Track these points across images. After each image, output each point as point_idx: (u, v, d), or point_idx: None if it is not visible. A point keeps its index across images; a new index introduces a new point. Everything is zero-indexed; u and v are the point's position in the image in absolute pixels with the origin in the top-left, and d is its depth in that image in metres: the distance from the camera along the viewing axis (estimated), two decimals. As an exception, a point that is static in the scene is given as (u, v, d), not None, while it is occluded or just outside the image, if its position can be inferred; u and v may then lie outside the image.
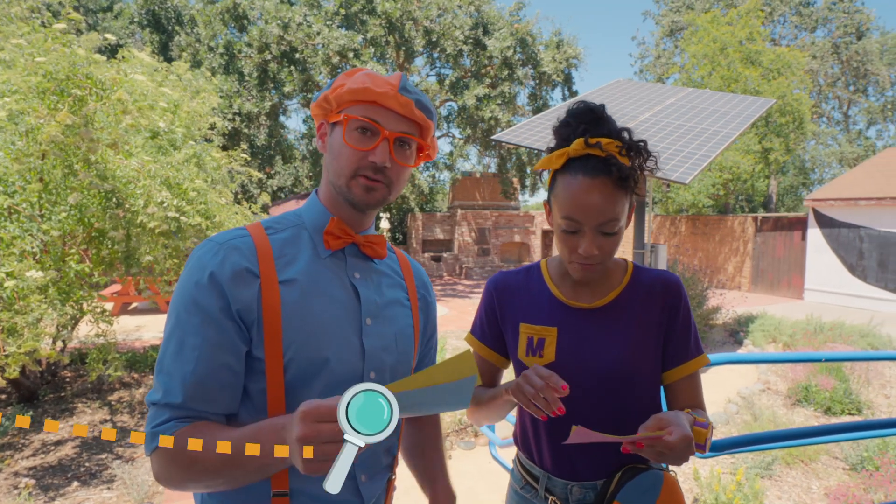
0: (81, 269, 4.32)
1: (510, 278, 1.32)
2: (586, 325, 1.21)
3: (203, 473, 0.84)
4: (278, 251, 0.97)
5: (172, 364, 0.88)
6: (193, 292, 0.89)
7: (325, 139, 1.03)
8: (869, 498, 3.59)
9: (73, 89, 4.03)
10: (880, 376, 6.58)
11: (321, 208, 1.04)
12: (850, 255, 13.38)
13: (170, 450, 0.84)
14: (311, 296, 0.95)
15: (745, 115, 8.22)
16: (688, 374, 1.20)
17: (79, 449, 4.44)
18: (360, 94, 0.95)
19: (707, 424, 1.03)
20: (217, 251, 0.92)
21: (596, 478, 1.21)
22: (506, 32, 16.33)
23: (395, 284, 1.11)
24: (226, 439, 0.80)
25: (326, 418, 0.71)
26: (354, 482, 1.01)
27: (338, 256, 1.02)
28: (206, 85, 7.33)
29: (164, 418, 0.87)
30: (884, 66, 28.60)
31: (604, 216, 1.07)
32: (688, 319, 1.21)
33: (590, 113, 1.11)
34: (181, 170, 4.97)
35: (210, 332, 0.88)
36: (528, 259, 20.60)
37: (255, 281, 0.91)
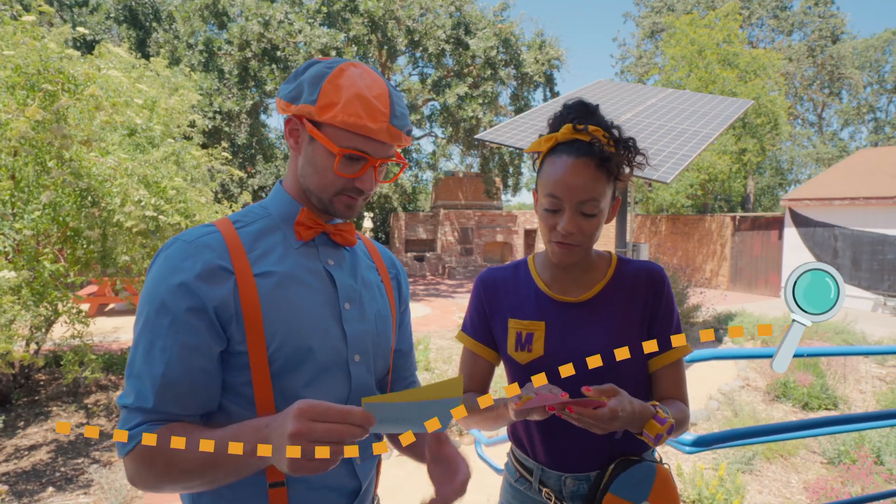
0: (56, 270, 4.21)
1: (498, 274, 1.34)
2: (573, 318, 1.23)
3: (180, 475, 0.82)
4: (249, 244, 0.96)
5: (142, 367, 0.87)
6: (163, 294, 0.88)
7: (297, 139, 1.00)
8: (846, 490, 3.66)
9: (44, 84, 3.92)
10: (855, 372, 6.73)
11: (288, 198, 1.04)
12: (824, 254, 13.67)
13: (145, 452, 0.83)
14: (288, 286, 0.95)
15: (724, 115, 8.33)
16: (670, 363, 1.22)
17: (54, 454, 4.32)
18: (356, 129, 0.93)
19: (666, 421, 1.04)
20: (187, 251, 0.90)
21: (589, 469, 1.22)
22: (489, 32, 16.36)
23: (367, 267, 1.12)
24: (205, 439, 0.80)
25: (322, 417, 0.71)
26: (351, 465, 1.03)
27: (309, 246, 1.02)
28: (186, 82, 7.21)
29: (136, 422, 0.86)
30: (857, 70, 29.31)
31: (584, 194, 1.10)
32: (670, 308, 1.24)
33: (583, 106, 1.16)
34: (159, 168, 4.87)
35: (180, 335, 0.87)
36: (511, 258, 20.66)
37: (230, 277, 0.90)
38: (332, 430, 0.71)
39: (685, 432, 1.21)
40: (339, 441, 0.73)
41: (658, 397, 1.23)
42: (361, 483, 1.04)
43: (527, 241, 21.18)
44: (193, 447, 0.79)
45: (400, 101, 0.98)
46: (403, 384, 1.22)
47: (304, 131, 0.97)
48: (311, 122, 0.95)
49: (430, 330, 9.44)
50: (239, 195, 16.57)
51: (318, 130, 0.95)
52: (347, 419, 0.73)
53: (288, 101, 0.97)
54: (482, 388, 1.35)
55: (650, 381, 1.26)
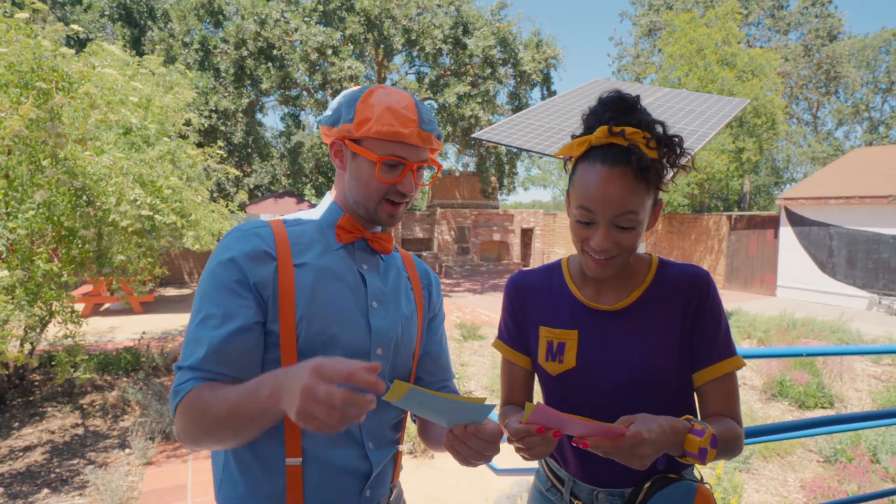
0: (50, 269, 4.18)
1: (529, 278, 1.27)
2: (608, 327, 1.14)
3: (213, 423, 0.89)
4: (294, 240, 1.08)
5: (196, 332, 0.98)
6: (217, 270, 1.01)
7: (342, 158, 1.12)
8: (843, 489, 3.67)
9: (38, 82, 3.89)
10: (851, 370, 6.75)
11: (335, 207, 1.16)
12: (820, 253, 13.72)
13: (188, 403, 0.92)
14: (322, 279, 1.06)
15: (721, 115, 8.34)
16: (716, 377, 1.10)
17: (49, 454, 4.30)
18: (389, 136, 1.04)
19: (703, 432, 0.94)
20: (240, 237, 1.04)
21: (624, 485, 1.15)
22: (487, 31, 16.33)
23: (399, 276, 1.21)
24: (231, 390, 0.90)
25: (330, 377, 0.73)
26: (363, 448, 1.08)
27: (348, 249, 1.13)
28: (181, 80, 7.17)
29: (186, 378, 0.96)
30: (853, 69, 29.41)
31: (619, 208, 1.00)
32: (717, 317, 1.12)
33: (620, 102, 1.05)
34: (155, 167, 4.85)
35: (232, 304, 0.98)
36: (508, 258, 20.67)
37: (272, 262, 1.02)
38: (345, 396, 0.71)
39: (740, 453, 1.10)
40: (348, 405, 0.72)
41: (705, 415, 1.12)
42: (373, 467, 1.08)
43: (523, 240, 21.18)
44: (223, 397, 0.89)
45: (427, 110, 1.10)
46: (437, 387, 1.27)
47: (347, 150, 1.10)
48: (352, 140, 1.08)
49: (426, 329, 9.43)
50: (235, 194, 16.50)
51: (359, 146, 1.07)
52: (351, 379, 0.73)
53: (329, 126, 1.11)
54: (523, 397, 1.27)
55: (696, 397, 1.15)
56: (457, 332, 9.12)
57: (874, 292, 12.74)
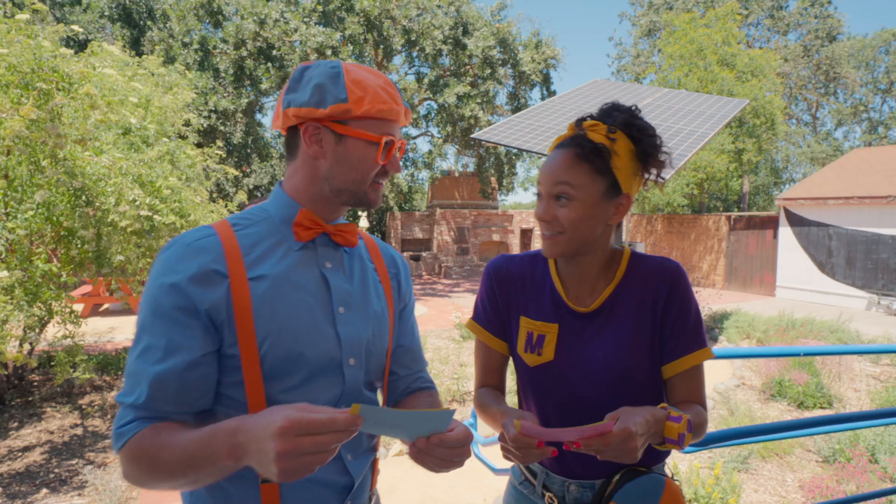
0: (49, 270, 4.18)
1: (513, 266, 1.26)
2: (583, 327, 1.17)
3: (165, 474, 0.83)
4: (247, 248, 0.97)
5: (137, 365, 0.89)
6: (158, 294, 0.90)
7: (321, 143, 1.00)
8: (842, 489, 3.67)
9: (38, 83, 3.89)
10: (850, 370, 6.76)
11: (288, 200, 1.04)
12: (819, 253, 13.73)
13: (133, 449, 0.85)
14: (281, 290, 0.96)
15: (720, 115, 8.35)
16: (684, 370, 1.13)
17: (48, 455, 4.30)
18: (386, 115, 0.98)
19: (681, 418, 0.98)
20: (184, 253, 0.92)
21: (594, 477, 1.18)
22: (487, 32, 16.35)
23: (365, 269, 1.12)
24: (182, 441, 0.82)
25: (307, 431, 0.70)
26: (341, 461, 1.03)
27: (308, 247, 1.03)
28: (180, 80, 7.17)
29: (129, 419, 0.88)
30: (853, 69, 29.43)
31: (556, 178, 1.09)
32: (686, 308, 1.14)
33: (606, 106, 1.14)
34: (154, 167, 4.85)
35: (175, 334, 0.89)
36: (508, 258, 20.65)
37: (224, 281, 0.92)
38: (318, 442, 0.71)
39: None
40: (325, 451, 0.72)
41: (673, 402, 1.16)
42: (354, 479, 1.04)
43: (523, 240, 21.18)
44: (173, 448, 0.82)
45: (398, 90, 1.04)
46: (410, 380, 1.21)
47: (329, 133, 0.99)
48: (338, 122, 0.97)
49: (426, 329, 9.43)
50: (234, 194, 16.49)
51: (347, 126, 0.98)
52: (332, 427, 0.72)
53: (311, 107, 0.97)
54: (498, 380, 1.30)
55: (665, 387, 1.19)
56: (456, 332, 9.12)
57: (873, 292, 12.75)
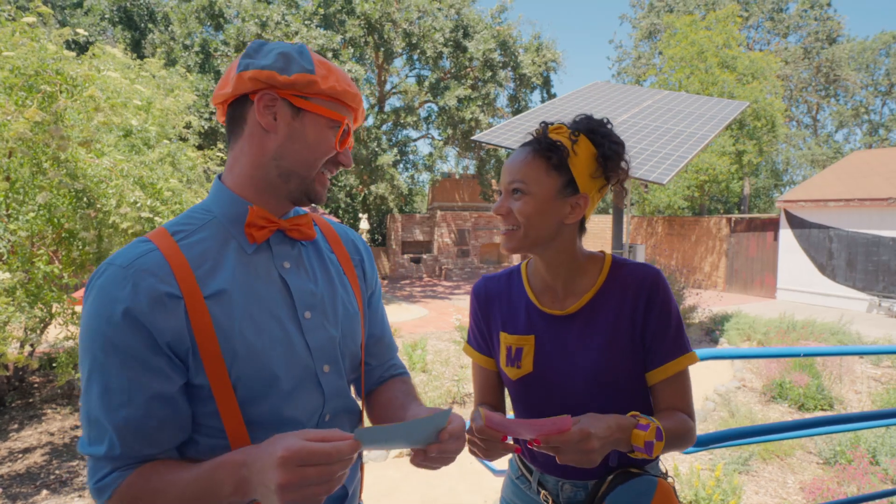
0: (50, 271, 4.19)
1: (491, 285, 1.30)
2: (562, 332, 1.17)
3: None
4: (195, 260, 0.84)
5: (101, 412, 0.79)
6: (106, 330, 0.78)
7: (275, 115, 0.89)
8: (843, 491, 3.67)
9: (43, 85, 3.91)
10: (850, 372, 6.75)
11: (232, 197, 0.92)
12: (820, 255, 13.72)
13: (124, 499, 0.79)
14: (242, 305, 0.86)
15: (720, 117, 8.36)
16: (669, 376, 1.13)
17: (48, 456, 4.30)
18: (345, 97, 0.92)
19: (648, 427, 0.99)
20: (124, 278, 0.79)
21: (587, 478, 1.18)
22: (487, 35, 16.38)
23: (325, 262, 1.02)
24: (181, 482, 0.77)
25: (309, 461, 0.68)
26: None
27: (263, 249, 0.92)
28: (181, 82, 7.19)
29: (107, 471, 0.80)
30: (853, 72, 29.45)
31: (512, 175, 1.12)
32: (666, 315, 1.13)
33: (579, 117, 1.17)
34: (155, 169, 4.86)
35: (135, 372, 0.79)
36: (508, 261, 20.68)
37: (178, 303, 0.80)
38: (322, 473, 0.68)
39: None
40: (329, 481, 0.70)
41: (658, 410, 1.15)
42: (347, 489, 1.02)
43: (523, 242, 21.15)
44: (170, 491, 0.77)
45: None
46: (382, 369, 1.16)
47: (286, 106, 0.89)
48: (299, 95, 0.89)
49: (427, 332, 9.43)
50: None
51: (308, 101, 0.89)
52: (337, 458, 0.69)
53: (274, 71, 0.87)
54: (494, 399, 1.31)
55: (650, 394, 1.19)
56: (456, 334, 9.13)
57: (874, 295, 12.73)
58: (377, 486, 3.87)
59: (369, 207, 19.90)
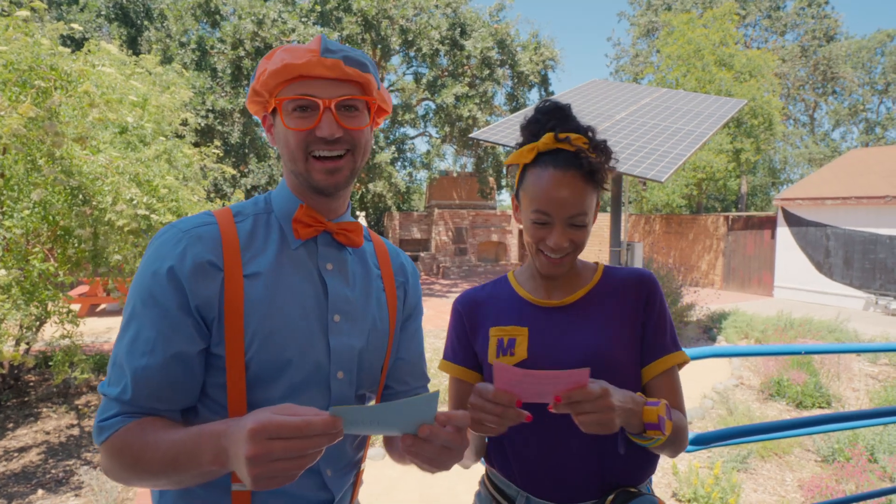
0: (46, 269, 4.16)
1: (476, 293, 1.29)
2: (557, 321, 1.17)
3: (146, 473, 0.80)
4: (245, 241, 0.91)
5: (125, 357, 0.84)
6: (150, 284, 0.85)
7: (272, 132, 0.97)
8: (841, 489, 3.67)
9: (37, 81, 3.87)
10: (848, 370, 6.77)
11: (289, 194, 0.99)
12: (817, 253, 13.75)
13: (116, 444, 0.82)
14: (275, 292, 0.90)
15: (718, 115, 8.36)
16: (663, 371, 1.15)
17: (44, 455, 4.27)
18: (282, 74, 0.89)
19: (658, 402, 0.99)
20: (179, 240, 0.87)
21: (581, 499, 1.12)
22: (485, 33, 16.36)
23: (370, 274, 1.05)
24: (167, 441, 0.78)
25: (278, 434, 0.66)
26: (320, 477, 0.97)
27: (309, 246, 0.97)
28: (177, 79, 7.15)
29: (113, 412, 0.84)
30: (850, 70, 29.51)
31: (573, 209, 1.07)
32: (663, 314, 1.18)
33: (558, 110, 1.12)
34: (151, 166, 4.83)
35: (165, 327, 0.84)
36: (505, 259, 20.67)
37: (218, 275, 0.87)
38: (291, 447, 0.66)
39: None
40: (302, 455, 0.68)
41: None
42: (334, 495, 0.99)
43: (521, 240, 21.17)
44: (157, 447, 0.78)
45: (338, 43, 0.93)
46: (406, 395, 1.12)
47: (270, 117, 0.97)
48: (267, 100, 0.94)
49: (425, 329, 9.41)
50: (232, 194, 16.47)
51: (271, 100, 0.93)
52: (306, 432, 0.67)
53: (247, 102, 0.98)
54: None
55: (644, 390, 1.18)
56: (454, 332, 9.12)
57: (871, 292, 12.77)
58: (375, 485, 3.85)
59: (367, 205, 19.87)
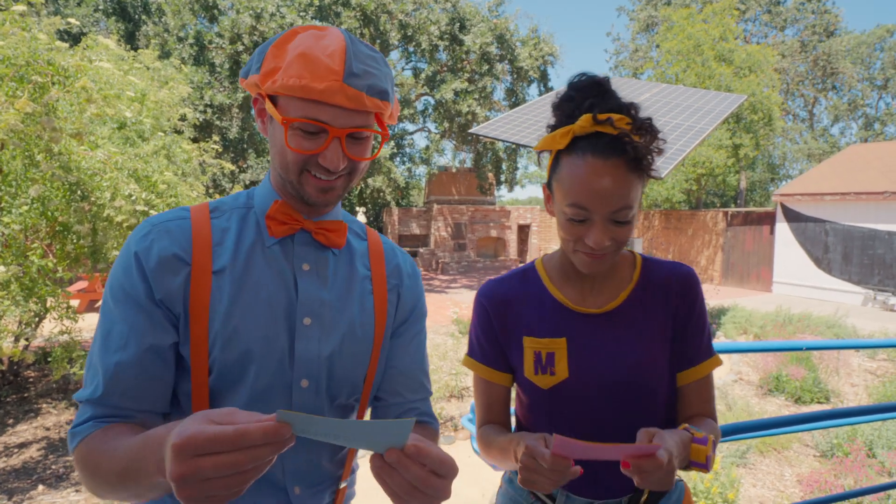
0: (45, 265, 4.15)
1: (504, 288, 1.15)
2: (598, 332, 1.07)
3: (106, 484, 0.74)
4: (219, 237, 0.87)
5: (99, 356, 0.81)
6: (121, 278, 0.82)
7: (264, 119, 0.88)
8: (840, 483, 3.68)
9: (34, 76, 3.85)
10: (847, 365, 6.78)
11: (270, 190, 0.92)
12: (815, 249, 13.76)
13: (82, 451, 0.77)
14: (241, 289, 0.85)
15: (718, 110, 8.35)
16: (700, 378, 1.08)
17: (44, 451, 4.28)
18: (297, 93, 0.78)
19: (706, 440, 0.92)
20: (147, 233, 0.84)
21: (619, 494, 1.10)
22: (484, 28, 16.31)
23: (355, 276, 0.97)
24: (121, 448, 0.72)
25: (208, 449, 0.54)
26: (286, 495, 0.89)
27: (285, 244, 0.91)
28: (176, 74, 7.12)
29: (85, 417, 0.80)
30: (850, 65, 29.48)
31: (617, 203, 0.92)
32: (703, 317, 1.09)
33: (596, 86, 0.96)
34: (150, 162, 4.81)
35: (137, 319, 0.81)
36: (504, 254, 20.68)
37: (184, 269, 0.83)
38: (224, 463, 0.54)
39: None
40: (240, 472, 0.56)
41: (685, 415, 1.09)
42: None
43: (520, 236, 21.18)
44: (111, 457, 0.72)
45: (363, 59, 0.81)
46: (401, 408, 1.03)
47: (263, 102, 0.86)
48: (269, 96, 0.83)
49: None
50: (230, 189, 16.45)
51: (274, 104, 0.82)
52: (241, 444, 0.55)
53: (242, 77, 0.87)
54: (503, 416, 1.18)
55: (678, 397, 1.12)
56: (454, 327, 9.12)
57: (869, 288, 12.79)
58: (369, 480, 3.86)
59: (366, 201, 19.84)
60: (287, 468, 0.89)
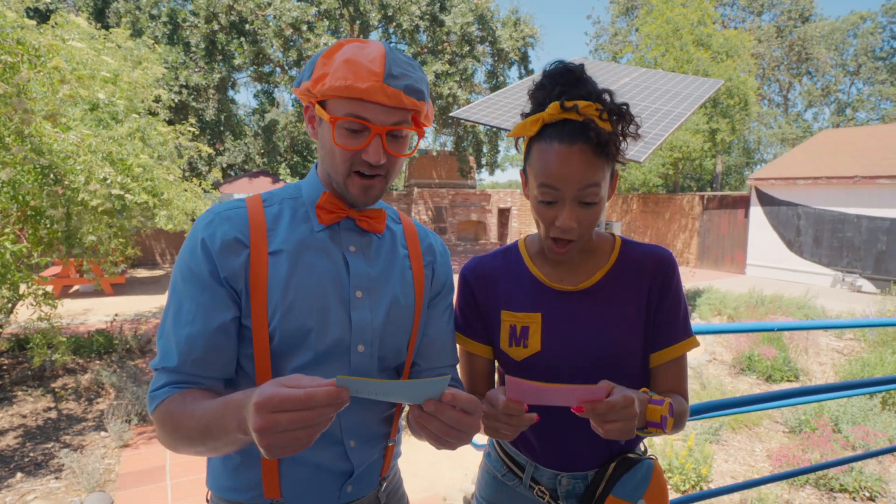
0: (18, 250, 4.06)
1: (487, 264, 1.21)
2: (573, 309, 1.11)
3: (186, 440, 0.86)
4: (272, 222, 0.99)
5: (170, 329, 0.93)
6: (188, 259, 0.94)
7: (314, 124, 1.01)
8: (807, 458, 3.84)
9: (3, 55, 3.72)
10: (815, 345, 7.01)
11: (317, 182, 1.05)
12: (788, 232, 14.10)
13: (162, 414, 0.89)
14: (298, 268, 0.97)
15: (696, 95, 8.44)
16: (674, 358, 1.12)
17: (21, 438, 4.22)
18: (343, 92, 0.91)
19: (662, 402, 0.95)
20: (210, 220, 0.96)
21: (587, 468, 1.15)
22: (465, 8, 16.13)
23: (394, 255, 1.09)
24: (201, 410, 0.84)
25: (282, 407, 0.67)
26: (342, 447, 1.02)
27: (333, 230, 1.03)
28: (149, 54, 6.94)
29: (161, 383, 0.92)
30: (824, 50, 29.93)
31: (582, 183, 0.98)
32: (679, 298, 1.12)
33: (567, 74, 1.01)
34: (124, 144, 4.72)
35: (204, 297, 0.92)
36: (485, 237, 20.75)
37: (244, 251, 0.94)
38: (295, 419, 0.67)
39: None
40: (308, 426, 0.69)
41: (657, 392, 1.12)
42: (354, 467, 1.04)
43: (500, 219, 21.25)
44: (192, 416, 0.84)
45: (401, 64, 0.94)
46: (433, 373, 1.14)
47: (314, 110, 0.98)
48: (319, 102, 0.96)
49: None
50: (208, 173, 16.16)
51: (322, 108, 0.95)
52: (309, 404, 0.67)
53: (295, 87, 1.00)
54: (486, 388, 1.23)
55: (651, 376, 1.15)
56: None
57: (838, 270, 13.18)
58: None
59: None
60: (344, 425, 1.01)
